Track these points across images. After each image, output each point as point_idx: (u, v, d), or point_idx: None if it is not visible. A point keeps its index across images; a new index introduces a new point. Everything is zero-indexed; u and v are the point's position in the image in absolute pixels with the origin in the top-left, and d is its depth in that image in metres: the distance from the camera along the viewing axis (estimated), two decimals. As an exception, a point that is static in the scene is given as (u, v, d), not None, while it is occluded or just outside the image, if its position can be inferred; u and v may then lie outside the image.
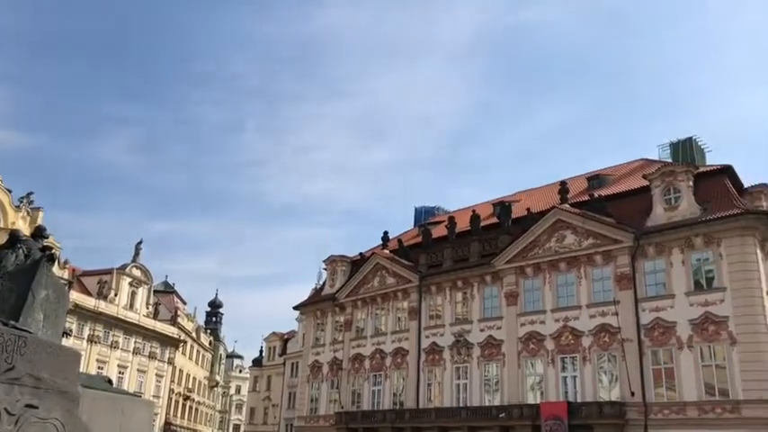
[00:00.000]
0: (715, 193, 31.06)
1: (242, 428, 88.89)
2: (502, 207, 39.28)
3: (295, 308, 50.47)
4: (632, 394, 29.39)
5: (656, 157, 37.85)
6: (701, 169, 32.81)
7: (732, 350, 27.84)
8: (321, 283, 53.33)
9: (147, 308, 63.69)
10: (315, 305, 48.53)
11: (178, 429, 69.97)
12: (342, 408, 42.14)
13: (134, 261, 62.44)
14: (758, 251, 29.10)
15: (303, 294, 63.29)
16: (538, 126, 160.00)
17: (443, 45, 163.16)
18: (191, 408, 76.05)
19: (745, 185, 33.04)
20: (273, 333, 76.14)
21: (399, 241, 44.52)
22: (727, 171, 32.07)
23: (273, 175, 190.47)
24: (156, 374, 64.07)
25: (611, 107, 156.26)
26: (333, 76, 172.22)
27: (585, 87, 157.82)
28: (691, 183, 31.25)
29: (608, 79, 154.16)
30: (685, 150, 36.26)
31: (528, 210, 36.89)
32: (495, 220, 39.82)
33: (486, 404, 34.99)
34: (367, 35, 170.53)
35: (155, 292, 67.41)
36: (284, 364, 67.07)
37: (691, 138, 37.00)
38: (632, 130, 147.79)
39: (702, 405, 27.84)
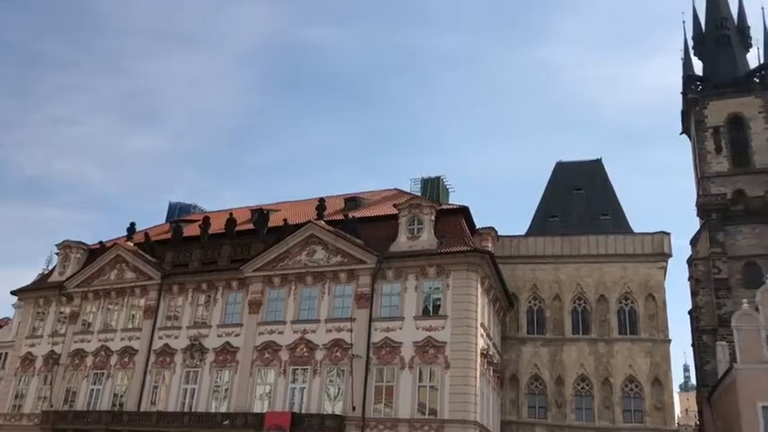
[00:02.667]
0: (451, 229, 34.06)
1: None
2: (260, 214, 39.10)
3: (13, 293, 45.02)
4: (353, 409, 30.67)
5: (408, 189, 40.63)
6: (443, 206, 35.86)
7: (446, 373, 30.45)
8: (50, 269, 48.32)
9: None
10: (38, 292, 43.78)
11: None
12: (51, 406, 38.24)
13: None
14: (479, 286, 32.39)
15: (27, 279, 56.78)
16: (309, 141, 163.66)
17: (231, 45, 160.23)
18: None
19: (477, 226, 36.73)
20: (-18, 319, 66.93)
21: (146, 235, 42.08)
22: (463, 211, 35.40)
23: (22, 142, 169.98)
24: None
25: (380, 137, 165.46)
26: (110, 50, 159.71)
27: (358, 114, 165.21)
28: (433, 217, 33.94)
29: (381, 111, 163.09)
30: (433, 187, 39.45)
31: (285, 220, 37.15)
32: (251, 226, 39.47)
33: (213, 411, 34.14)
34: (153, 15, 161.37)
35: None
36: (-9, 354, 59.17)
37: (439, 177, 40.39)
38: (394, 160, 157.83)
39: (413, 422, 29.97)
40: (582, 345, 37.57)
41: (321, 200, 36.90)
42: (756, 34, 60.76)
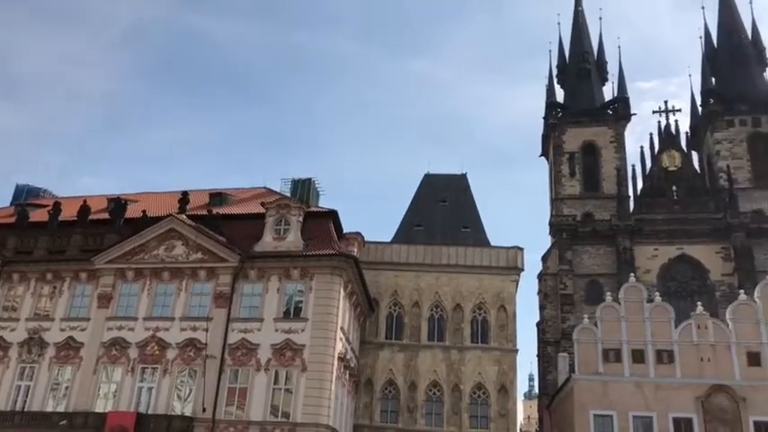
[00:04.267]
0: (318, 232, 34.04)
1: None
2: (117, 204, 37.08)
3: None
4: (204, 410, 29.76)
5: (278, 189, 40.17)
6: (312, 209, 35.81)
7: (302, 376, 30.30)
8: None
9: None
10: None
11: None
12: None
13: None
14: (342, 290, 32.57)
15: None
16: (180, 132, 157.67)
17: (113, 26, 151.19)
18: None
19: (345, 231, 36.96)
20: None
21: (-14, 217, 38.62)
22: (332, 215, 35.53)
23: None
24: None
25: (255, 134, 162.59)
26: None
27: (235, 109, 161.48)
28: (301, 219, 33.75)
29: (259, 109, 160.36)
30: (304, 189, 39.29)
31: (144, 212, 35.46)
32: (106, 215, 37.29)
33: (50, 410, 31.81)
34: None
35: None
36: None
37: (310, 179, 40.31)
38: (268, 159, 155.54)
39: (265, 425, 29.55)
40: (436, 351, 38.77)
41: (184, 193, 35.58)
42: (612, 69, 66.04)
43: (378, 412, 38.01)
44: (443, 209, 45.85)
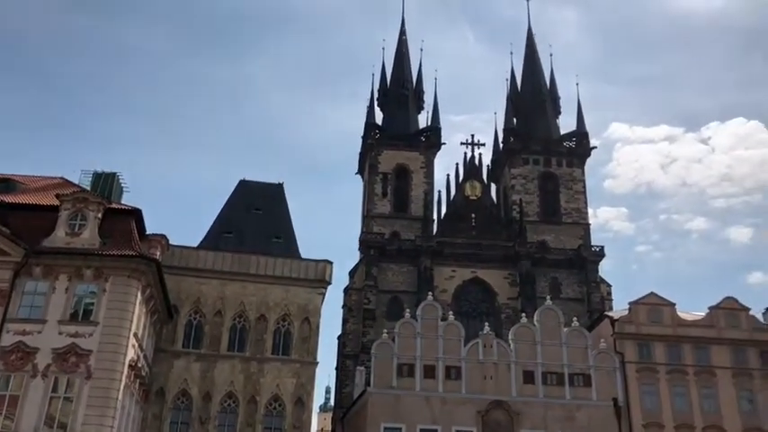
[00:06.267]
0: (119, 231, 31.83)
1: None
2: None
3: None
4: (-36, 420, 26.49)
5: (77, 181, 37.05)
6: (114, 205, 33.46)
7: (86, 384, 28.03)
8: None
9: None
10: None
11: None
12: None
13: None
14: (139, 294, 30.78)
15: None
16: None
17: None
18: None
19: (149, 232, 35.03)
20: None
21: None
22: (135, 214, 33.47)
23: None
24: None
25: (51, 120, 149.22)
26: None
27: (38, 92, 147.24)
28: (100, 215, 31.42)
29: (63, 92, 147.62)
30: (106, 183, 36.62)
31: None
32: None
33: None
34: None
35: None
36: None
37: (115, 173, 37.67)
38: (68, 148, 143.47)
39: (38, 437, 26.97)
40: (235, 362, 37.96)
41: (-37, 176, 31.69)
42: (429, 99, 70.04)
43: (168, 423, 36.27)
44: (256, 217, 45.24)
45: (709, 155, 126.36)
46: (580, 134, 67.19)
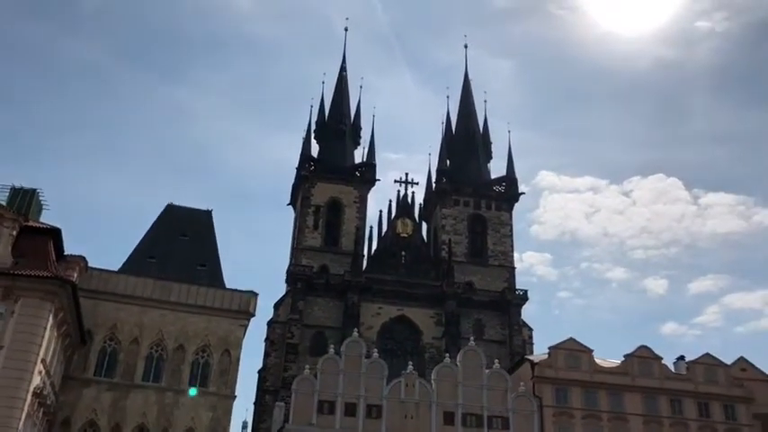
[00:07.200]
0: (35, 250, 30.38)
1: None
2: None
3: None
4: None
5: (-7, 196, 35.29)
6: (31, 223, 31.99)
7: (-17, 412, 26.39)
8: None
9: None
10: None
11: None
12: None
13: None
14: (51, 317, 29.30)
15: None
16: None
17: None
18: None
19: (67, 253, 33.61)
20: None
21: None
22: (53, 233, 32.08)
23: None
24: None
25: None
26: None
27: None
28: (14, 232, 29.96)
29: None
30: (24, 199, 35.06)
31: None
32: None
33: None
34: None
35: None
36: None
37: (35, 190, 36.14)
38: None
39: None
40: (149, 392, 36.51)
41: None
42: (366, 135, 70.55)
43: (71, 456, 34.39)
44: (182, 243, 44.12)
45: (630, 207, 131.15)
46: (510, 179, 68.97)
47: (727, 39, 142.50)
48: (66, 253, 33.60)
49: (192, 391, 36.26)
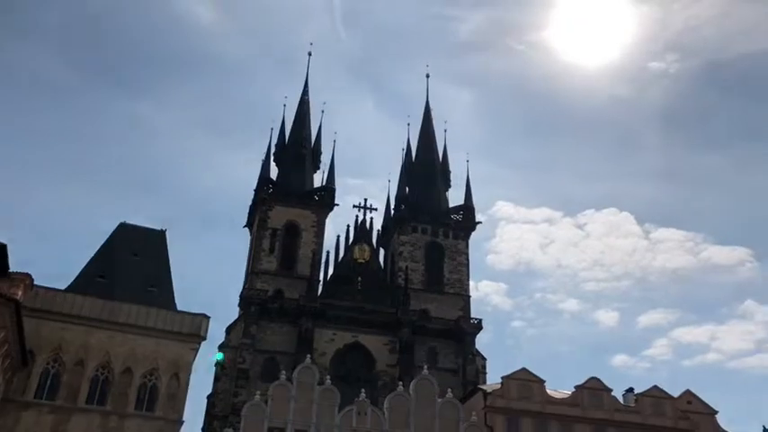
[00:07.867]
0: (-23, 266, 29.42)
1: None
2: None
3: None
4: None
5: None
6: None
7: None
8: None
9: None
10: None
11: None
12: None
13: None
14: (-9, 337, 28.25)
15: None
16: None
17: None
18: None
19: (11, 270, 32.51)
20: None
21: None
22: (-2, 249, 31.05)
23: None
24: None
25: None
26: None
27: None
28: (-44, 247, 28.94)
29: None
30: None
31: None
32: None
33: None
34: None
35: None
36: None
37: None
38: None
39: None
40: (93, 416, 35.35)
41: None
42: (326, 159, 70.48)
43: (6, 484, 32.94)
44: (134, 263, 43.16)
45: (584, 240, 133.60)
46: (467, 208, 69.59)
47: (678, 80, 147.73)
48: (10, 270, 32.48)
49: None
